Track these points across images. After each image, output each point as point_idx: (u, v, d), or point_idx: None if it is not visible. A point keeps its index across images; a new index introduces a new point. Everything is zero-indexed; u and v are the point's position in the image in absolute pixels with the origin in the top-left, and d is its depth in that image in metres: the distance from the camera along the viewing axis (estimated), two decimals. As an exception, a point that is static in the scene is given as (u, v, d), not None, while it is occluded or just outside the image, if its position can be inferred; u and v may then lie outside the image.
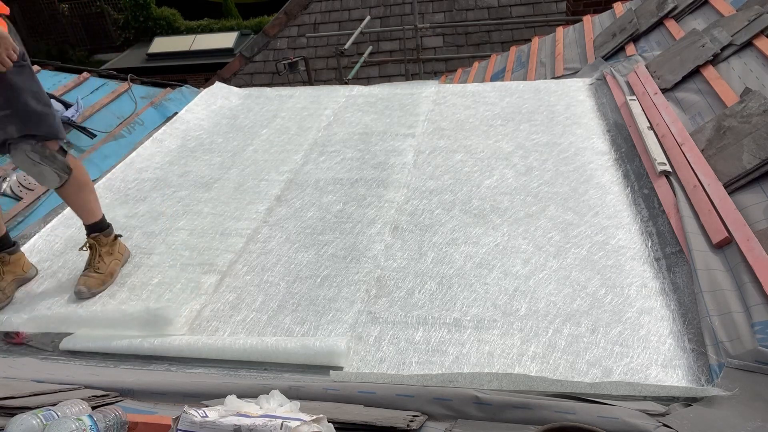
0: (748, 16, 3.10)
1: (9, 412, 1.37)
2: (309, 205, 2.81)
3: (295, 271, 2.36)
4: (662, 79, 3.21)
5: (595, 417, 1.39)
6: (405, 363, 1.85)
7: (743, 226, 2.02)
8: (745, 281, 1.83)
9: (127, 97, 3.93)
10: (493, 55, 6.07)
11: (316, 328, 2.04)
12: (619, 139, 3.04)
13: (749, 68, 2.82)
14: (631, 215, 2.45)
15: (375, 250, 2.42)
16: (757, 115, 2.41)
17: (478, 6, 9.14)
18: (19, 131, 2.07)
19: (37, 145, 2.11)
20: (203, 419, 1.22)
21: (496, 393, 1.52)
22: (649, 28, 3.97)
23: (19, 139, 2.08)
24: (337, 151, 3.30)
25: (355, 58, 8.55)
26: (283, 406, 1.36)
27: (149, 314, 2.07)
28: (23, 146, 2.10)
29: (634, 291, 2.05)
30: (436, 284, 2.19)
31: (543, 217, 2.51)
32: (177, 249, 2.57)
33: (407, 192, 2.83)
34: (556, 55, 4.72)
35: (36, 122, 2.10)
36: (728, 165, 2.32)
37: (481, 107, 3.65)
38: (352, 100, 4.02)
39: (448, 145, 3.22)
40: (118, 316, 2.11)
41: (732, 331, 1.70)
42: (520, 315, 1.99)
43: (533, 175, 2.84)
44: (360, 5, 9.39)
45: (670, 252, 2.18)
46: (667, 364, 1.74)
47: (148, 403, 1.65)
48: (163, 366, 1.96)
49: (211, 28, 15.35)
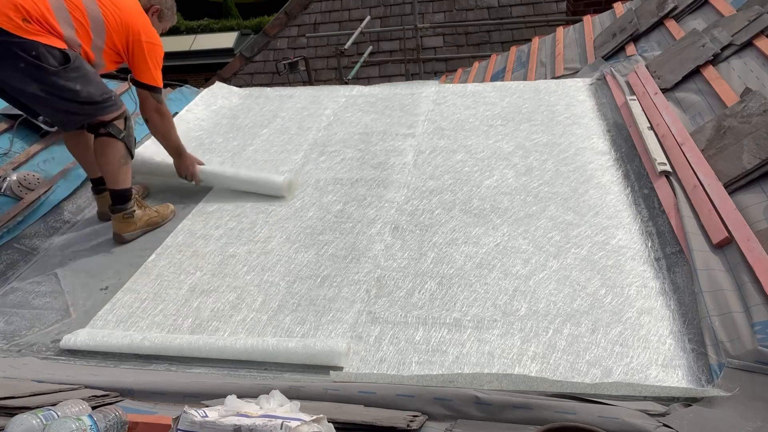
0: (748, 16, 3.09)
1: (9, 412, 1.37)
2: (309, 205, 2.81)
3: (295, 271, 2.36)
4: (662, 79, 3.21)
5: (596, 417, 1.39)
6: (405, 363, 1.85)
7: (743, 226, 2.02)
8: (745, 281, 1.83)
9: (128, 97, 3.93)
10: (493, 55, 6.07)
11: (316, 328, 2.04)
12: (619, 139, 3.04)
13: (749, 68, 2.82)
14: (631, 215, 2.45)
15: (375, 250, 2.42)
16: (757, 115, 2.41)
17: (478, 6, 9.14)
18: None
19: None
20: (203, 419, 1.22)
21: (496, 393, 1.52)
22: (649, 28, 3.97)
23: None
24: (337, 151, 3.30)
25: (355, 58, 8.55)
26: (283, 406, 1.36)
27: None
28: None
29: (634, 291, 2.05)
30: (436, 284, 2.19)
31: (543, 217, 2.51)
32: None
33: (407, 192, 2.83)
34: (556, 55, 4.72)
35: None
36: (728, 165, 2.32)
37: (481, 107, 3.65)
38: (352, 100, 4.02)
39: (448, 145, 3.22)
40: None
41: (732, 331, 1.69)
42: (521, 315, 1.99)
43: (533, 175, 2.84)
44: (360, 5, 9.40)
45: (670, 252, 2.18)
46: (667, 364, 1.74)
47: (148, 403, 1.65)
48: (163, 366, 1.96)
49: (211, 28, 15.32)
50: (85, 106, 2.47)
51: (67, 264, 2.59)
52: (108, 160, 2.60)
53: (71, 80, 2.37)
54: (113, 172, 2.61)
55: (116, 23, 2.49)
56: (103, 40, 2.47)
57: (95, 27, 2.44)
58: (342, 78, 7.76)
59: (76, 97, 2.42)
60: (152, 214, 2.78)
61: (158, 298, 2.28)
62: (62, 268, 2.57)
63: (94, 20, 2.43)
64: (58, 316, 2.28)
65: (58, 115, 2.56)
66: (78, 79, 2.39)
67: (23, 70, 2.28)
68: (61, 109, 2.48)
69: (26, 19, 2.23)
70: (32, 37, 2.24)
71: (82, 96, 2.42)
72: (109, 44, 2.51)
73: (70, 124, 2.62)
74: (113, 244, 2.70)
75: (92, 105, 2.48)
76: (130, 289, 2.35)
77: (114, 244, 2.70)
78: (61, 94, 2.39)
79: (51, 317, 2.28)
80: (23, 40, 2.23)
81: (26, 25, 2.23)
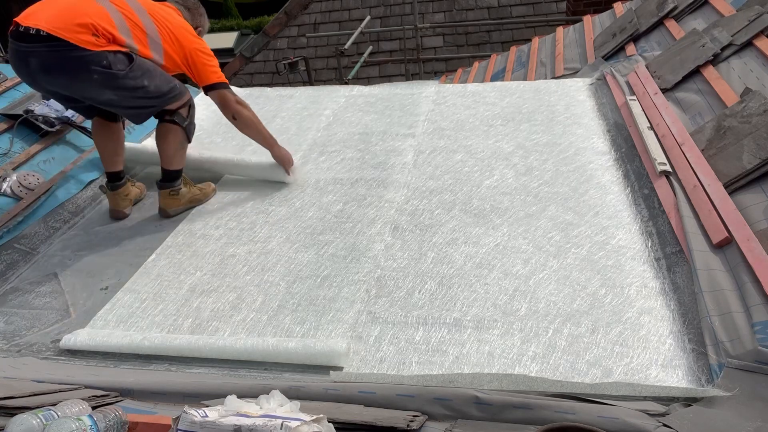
0: (748, 16, 3.10)
1: (9, 412, 1.37)
2: (309, 205, 2.81)
3: (295, 271, 2.36)
4: (662, 79, 3.21)
5: (595, 417, 1.39)
6: (405, 363, 1.85)
7: (743, 226, 2.01)
8: (745, 281, 1.83)
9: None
10: (493, 55, 6.07)
11: (316, 328, 2.04)
12: (619, 139, 3.04)
13: (749, 68, 2.82)
14: (631, 215, 2.45)
15: (375, 250, 2.42)
16: (757, 115, 2.41)
17: (478, 6, 9.14)
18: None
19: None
20: (203, 419, 1.22)
21: (496, 393, 1.52)
22: (649, 28, 3.97)
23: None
24: (337, 151, 3.30)
25: (355, 58, 8.56)
26: (283, 406, 1.36)
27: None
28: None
29: (634, 291, 2.05)
30: (436, 284, 2.19)
31: (543, 217, 2.51)
32: (177, 249, 2.57)
33: (407, 192, 2.83)
34: (556, 55, 4.72)
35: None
36: (728, 165, 2.32)
37: (481, 107, 3.65)
38: (352, 100, 4.02)
39: (448, 145, 3.22)
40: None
41: (732, 331, 1.69)
42: (521, 315, 1.99)
43: (533, 175, 2.84)
44: (360, 5, 9.40)
45: (670, 252, 2.18)
46: (667, 364, 1.74)
47: (148, 403, 1.65)
48: (163, 366, 1.96)
49: (212, 28, 15.26)
50: (155, 99, 2.66)
51: (67, 264, 2.59)
52: (168, 144, 2.79)
53: (138, 78, 2.53)
54: (170, 155, 2.81)
55: (171, 41, 2.63)
56: (161, 56, 2.62)
57: (153, 45, 2.58)
58: (342, 78, 7.76)
59: (146, 93, 2.58)
60: (196, 192, 2.93)
61: (158, 298, 2.28)
62: (62, 268, 2.57)
63: (151, 39, 2.57)
64: (58, 316, 2.28)
65: (130, 111, 2.73)
66: (144, 76, 2.55)
67: (97, 80, 2.44)
68: (134, 106, 2.66)
69: (95, 34, 2.39)
70: (101, 49, 2.40)
71: (151, 90, 2.59)
72: (167, 60, 2.65)
73: (142, 117, 2.81)
74: (113, 244, 2.70)
75: (161, 97, 2.66)
76: (130, 289, 2.35)
77: (114, 244, 2.70)
78: (132, 94, 2.55)
79: (51, 317, 2.28)
80: (95, 53, 2.38)
81: (96, 40, 2.39)
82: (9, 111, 3.30)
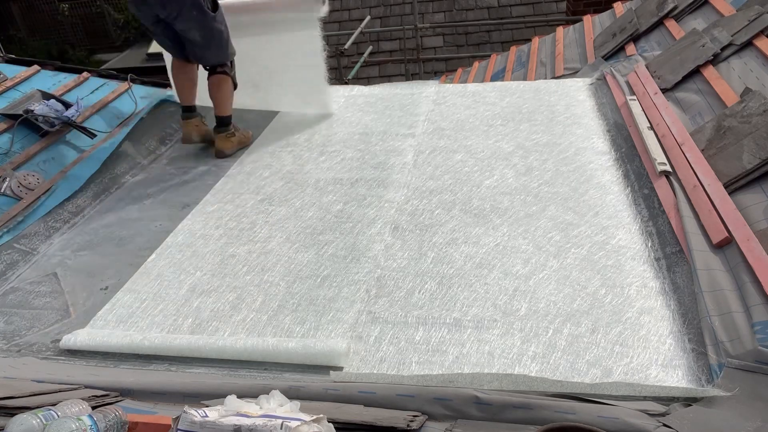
0: (748, 16, 3.10)
1: (9, 412, 1.37)
2: (309, 205, 2.81)
3: (295, 271, 2.36)
4: (662, 79, 3.21)
5: (595, 417, 1.39)
6: (405, 363, 1.85)
7: (743, 226, 2.01)
8: (745, 281, 1.83)
9: (128, 96, 3.93)
10: (493, 55, 6.07)
11: (316, 328, 2.04)
12: (619, 139, 3.04)
13: (749, 68, 2.82)
14: (631, 215, 2.45)
15: (375, 250, 2.42)
16: (757, 115, 2.41)
17: (478, 6, 9.15)
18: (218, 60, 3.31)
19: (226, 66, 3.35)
20: (203, 419, 1.22)
21: (496, 393, 1.52)
22: (649, 28, 3.97)
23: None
24: (337, 151, 3.30)
25: (355, 58, 8.56)
26: (283, 406, 1.36)
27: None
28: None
29: (634, 291, 2.05)
30: (436, 284, 2.19)
31: (543, 217, 2.51)
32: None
33: (407, 192, 2.83)
34: (556, 55, 4.72)
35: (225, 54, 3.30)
36: (728, 165, 2.32)
37: (481, 107, 3.65)
38: (352, 100, 4.02)
39: (448, 145, 3.22)
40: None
41: (732, 331, 1.69)
42: (521, 315, 1.99)
43: (533, 175, 2.84)
44: (360, 5, 9.40)
45: (670, 252, 2.18)
46: (667, 364, 1.74)
47: (148, 403, 1.65)
48: (163, 366, 1.96)
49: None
50: (223, 49, 3.20)
51: (67, 264, 2.59)
52: (222, 93, 3.33)
53: (220, 23, 3.08)
54: (224, 102, 3.34)
55: None
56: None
57: None
58: (342, 78, 7.76)
59: (221, 41, 3.14)
60: (242, 135, 3.46)
61: (158, 298, 2.28)
62: (62, 268, 2.57)
63: None
64: (57, 316, 2.28)
65: (206, 52, 3.22)
66: (223, 23, 3.10)
67: (195, 17, 2.98)
68: (209, 47, 3.16)
69: None
70: None
71: (224, 38, 3.14)
72: None
73: (210, 60, 3.29)
74: (113, 244, 2.70)
75: (226, 49, 3.21)
76: (130, 289, 2.35)
77: (114, 244, 2.70)
78: (212, 35, 3.07)
79: (51, 317, 2.28)
80: None
81: None
82: (9, 111, 3.30)
